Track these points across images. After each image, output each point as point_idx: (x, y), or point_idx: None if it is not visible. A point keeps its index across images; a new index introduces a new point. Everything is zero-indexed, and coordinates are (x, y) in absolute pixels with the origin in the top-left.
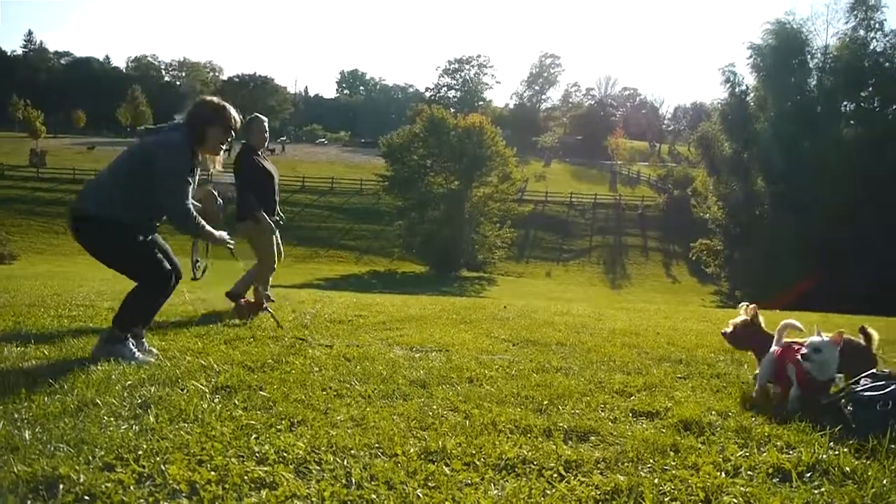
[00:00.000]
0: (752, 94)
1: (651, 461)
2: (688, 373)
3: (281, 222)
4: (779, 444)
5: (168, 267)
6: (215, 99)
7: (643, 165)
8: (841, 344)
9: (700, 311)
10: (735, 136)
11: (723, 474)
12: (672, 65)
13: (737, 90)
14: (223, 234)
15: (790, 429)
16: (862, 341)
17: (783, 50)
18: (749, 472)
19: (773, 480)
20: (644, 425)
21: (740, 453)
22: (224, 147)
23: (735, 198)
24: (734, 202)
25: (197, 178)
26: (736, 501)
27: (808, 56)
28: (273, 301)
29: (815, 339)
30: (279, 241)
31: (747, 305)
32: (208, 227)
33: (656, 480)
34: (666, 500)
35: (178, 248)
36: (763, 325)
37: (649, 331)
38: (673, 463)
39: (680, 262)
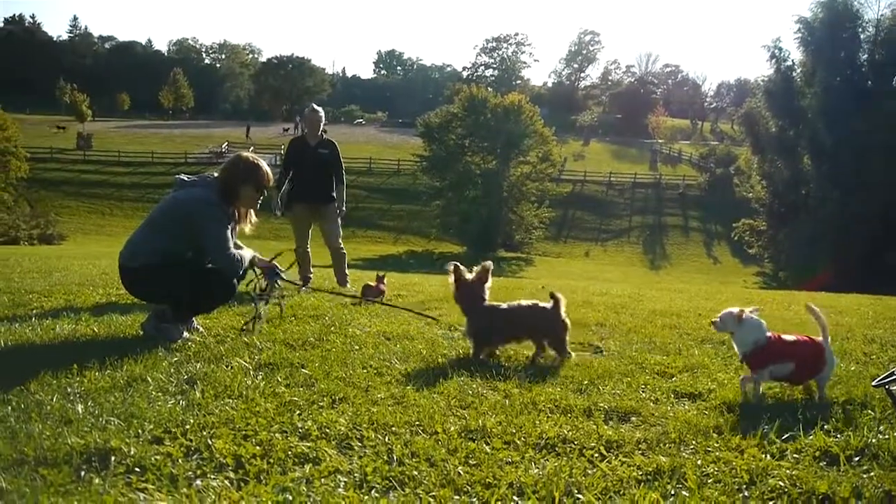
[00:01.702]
0: (798, 70)
1: (693, 442)
2: (731, 354)
3: (315, 202)
4: (826, 427)
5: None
6: (251, 157)
7: (685, 144)
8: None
9: (743, 293)
10: (781, 114)
11: (768, 457)
12: (715, 40)
13: (783, 66)
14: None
15: (837, 412)
16: (549, 305)
17: (833, 23)
18: (795, 455)
19: (821, 464)
20: (686, 406)
21: (786, 436)
22: (258, 203)
23: (780, 176)
24: (779, 181)
25: (236, 230)
26: (782, 484)
27: (860, 29)
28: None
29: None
30: (317, 225)
31: (453, 265)
32: (256, 259)
33: (699, 462)
34: (709, 481)
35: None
36: (468, 279)
37: (690, 312)
38: (716, 444)
39: (722, 243)
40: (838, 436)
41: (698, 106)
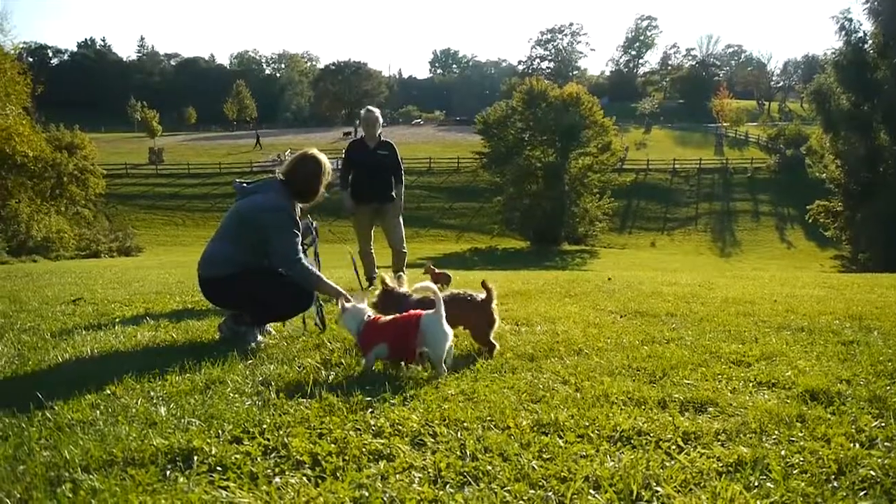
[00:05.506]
0: (870, 42)
1: (776, 432)
2: (811, 341)
3: (377, 203)
4: None
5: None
6: (317, 154)
7: (751, 126)
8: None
9: (820, 277)
10: (853, 88)
11: (857, 446)
12: (779, 16)
13: (853, 38)
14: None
15: None
16: (482, 295)
17: None
18: (886, 444)
19: None
20: (766, 396)
21: (875, 424)
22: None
23: (855, 154)
24: (854, 159)
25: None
26: (873, 474)
27: None
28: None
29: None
30: (379, 226)
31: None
32: (324, 279)
33: (783, 452)
34: (795, 472)
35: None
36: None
37: (765, 298)
38: (800, 434)
39: (795, 226)
40: None
41: (764, 86)
